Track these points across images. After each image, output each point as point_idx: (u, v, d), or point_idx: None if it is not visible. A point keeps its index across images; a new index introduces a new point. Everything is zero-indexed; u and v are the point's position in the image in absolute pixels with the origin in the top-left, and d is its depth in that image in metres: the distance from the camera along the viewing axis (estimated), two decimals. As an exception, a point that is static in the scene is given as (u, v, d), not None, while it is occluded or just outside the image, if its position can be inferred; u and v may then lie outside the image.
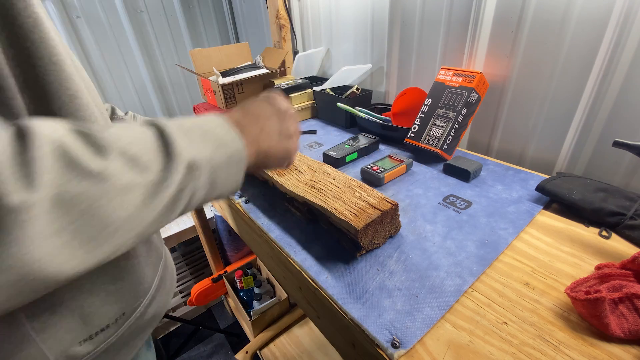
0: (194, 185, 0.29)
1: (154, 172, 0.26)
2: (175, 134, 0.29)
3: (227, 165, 0.32)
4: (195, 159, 0.29)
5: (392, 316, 0.40)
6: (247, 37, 1.92)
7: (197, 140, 0.30)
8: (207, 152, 0.30)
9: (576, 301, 0.38)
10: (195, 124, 0.32)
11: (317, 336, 1.25)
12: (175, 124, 0.30)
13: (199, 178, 0.29)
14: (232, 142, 0.33)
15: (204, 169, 0.30)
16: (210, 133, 0.32)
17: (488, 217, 0.57)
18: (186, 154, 0.28)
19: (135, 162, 0.25)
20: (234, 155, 0.33)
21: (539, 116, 0.73)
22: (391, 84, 1.06)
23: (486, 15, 0.74)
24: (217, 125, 0.33)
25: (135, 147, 0.26)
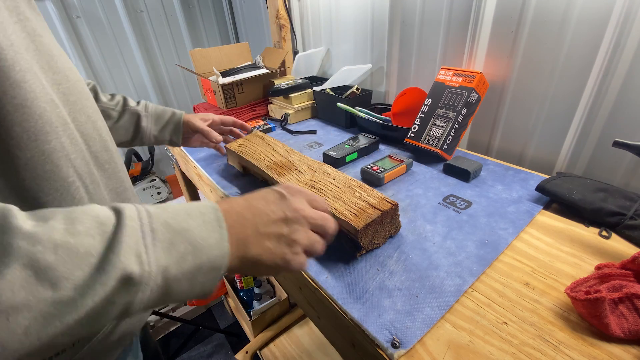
0: (129, 299, 0.24)
1: (65, 288, 0.21)
2: (129, 236, 0.24)
3: (192, 275, 0.27)
4: (137, 272, 0.24)
5: (392, 316, 0.40)
6: (247, 37, 1.92)
7: (160, 244, 0.26)
8: (164, 261, 0.25)
9: (576, 301, 0.38)
10: (175, 218, 0.27)
11: (317, 336, 1.25)
12: (149, 215, 0.26)
13: (141, 292, 0.24)
14: (209, 249, 0.28)
15: (152, 282, 0.25)
16: (184, 234, 0.27)
17: (488, 217, 0.57)
18: (126, 265, 0.23)
19: (42, 275, 0.21)
20: (206, 264, 0.27)
21: (539, 116, 0.73)
22: (391, 84, 1.06)
23: (486, 15, 0.74)
24: (202, 222, 0.28)
25: (54, 254, 0.21)
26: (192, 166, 0.88)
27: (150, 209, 0.27)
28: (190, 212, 0.28)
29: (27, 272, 0.20)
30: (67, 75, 0.37)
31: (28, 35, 0.33)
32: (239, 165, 0.76)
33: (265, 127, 1.02)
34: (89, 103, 0.41)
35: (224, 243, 0.29)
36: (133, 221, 0.25)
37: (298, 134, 0.99)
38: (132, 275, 0.24)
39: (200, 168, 0.83)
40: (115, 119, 0.65)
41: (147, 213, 0.27)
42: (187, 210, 0.28)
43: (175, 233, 0.27)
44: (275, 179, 0.61)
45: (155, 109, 0.70)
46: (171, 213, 0.28)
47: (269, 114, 1.18)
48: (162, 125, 0.70)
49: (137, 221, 0.25)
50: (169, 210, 0.28)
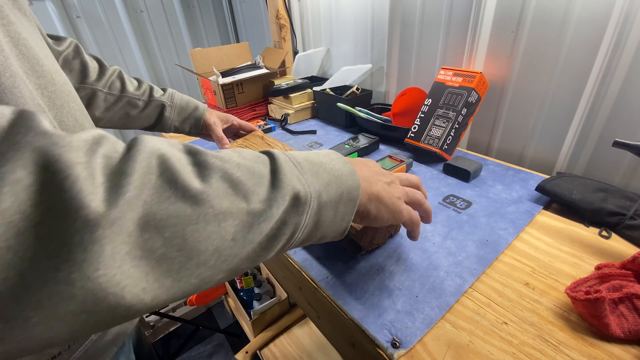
0: (297, 220, 0.26)
1: (256, 201, 0.24)
2: (285, 162, 0.27)
3: (336, 204, 0.29)
4: (303, 192, 0.27)
5: (392, 316, 0.40)
6: (247, 37, 1.92)
7: (307, 172, 0.28)
8: (317, 185, 0.28)
9: (576, 301, 0.38)
10: (311, 155, 0.31)
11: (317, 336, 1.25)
12: (289, 153, 0.29)
13: (304, 214, 0.27)
14: (346, 178, 0.31)
15: (310, 204, 0.27)
16: (324, 166, 0.30)
17: (488, 217, 0.57)
18: (293, 185, 0.26)
19: (237, 187, 0.23)
20: (346, 193, 0.30)
21: (539, 116, 0.73)
22: (391, 84, 1.06)
23: (486, 15, 0.74)
24: (333, 159, 0.31)
25: (240, 171, 0.24)
26: (192, 166, 0.88)
27: (286, 152, 0.29)
28: (319, 154, 0.32)
29: (225, 184, 0.23)
30: (53, 79, 0.37)
31: (11, 40, 0.32)
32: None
33: (265, 127, 1.02)
34: (76, 106, 0.40)
35: (355, 175, 0.32)
36: (282, 155, 0.28)
37: (298, 134, 0.99)
38: (299, 194, 0.26)
39: (200, 168, 0.83)
40: (140, 108, 0.67)
41: (287, 153, 0.29)
42: (316, 153, 0.32)
43: (316, 165, 0.30)
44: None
45: (180, 100, 0.72)
46: (304, 154, 0.31)
47: (269, 114, 1.18)
48: (184, 118, 0.72)
49: (284, 156, 0.28)
50: (299, 153, 0.31)
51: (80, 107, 0.41)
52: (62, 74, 0.40)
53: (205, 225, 0.21)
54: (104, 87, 0.64)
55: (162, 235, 0.19)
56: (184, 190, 0.20)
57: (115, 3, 1.59)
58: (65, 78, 0.40)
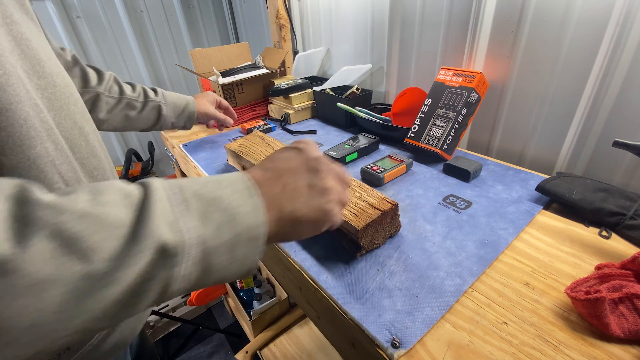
0: (167, 274, 0.22)
1: (98, 261, 0.20)
2: (158, 203, 0.23)
3: (231, 247, 0.25)
4: (173, 242, 0.22)
5: (392, 316, 0.40)
6: (247, 37, 1.92)
7: (193, 213, 0.24)
8: (201, 231, 0.24)
9: (576, 301, 0.38)
10: (209, 185, 0.26)
11: (317, 336, 1.25)
12: (180, 185, 0.25)
13: (177, 266, 0.23)
14: (245, 217, 0.26)
15: (189, 254, 0.23)
16: (219, 203, 0.25)
17: (488, 217, 0.57)
18: (159, 235, 0.22)
19: (72, 245, 0.19)
20: (244, 233, 0.26)
21: (539, 116, 0.73)
22: (391, 84, 1.06)
23: (486, 15, 0.74)
24: (234, 191, 0.27)
25: (83, 223, 0.20)
26: (192, 166, 0.88)
27: (178, 181, 0.26)
28: (220, 181, 0.27)
29: (53, 244, 0.19)
30: (53, 81, 0.37)
31: (14, 39, 0.32)
32: (239, 165, 0.76)
33: (265, 127, 1.02)
34: (76, 109, 0.40)
35: (259, 210, 0.27)
36: (162, 192, 0.24)
37: (298, 134, 0.99)
38: (167, 244, 0.22)
39: (201, 168, 0.83)
40: (139, 109, 0.73)
41: (176, 184, 0.25)
42: (216, 181, 0.27)
43: (208, 202, 0.25)
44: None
45: (171, 97, 0.78)
46: (200, 183, 0.26)
47: (269, 114, 1.18)
48: (177, 114, 0.80)
49: (165, 191, 0.24)
50: (197, 181, 0.26)
51: (81, 110, 0.41)
52: (65, 76, 0.40)
53: (11, 300, 0.17)
54: (104, 91, 0.67)
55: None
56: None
57: (115, 3, 1.60)
58: (67, 81, 0.40)
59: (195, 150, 0.93)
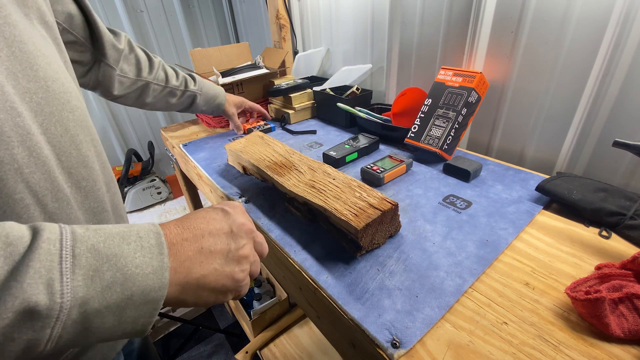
0: (33, 336, 0.21)
1: None
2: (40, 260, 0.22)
3: (121, 309, 0.24)
4: (44, 304, 0.21)
5: (392, 316, 0.40)
6: (247, 37, 1.92)
7: (82, 270, 0.23)
8: (83, 292, 0.22)
9: (576, 301, 0.38)
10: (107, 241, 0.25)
11: (317, 336, 1.25)
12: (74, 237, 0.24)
13: (45, 329, 0.21)
14: (144, 278, 0.25)
15: (64, 315, 0.22)
16: (114, 260, 0.24)
17: (488, 217, 0.57)
18: (27, 296, 0.21)
19: None
20: (137, 296, 0.24)
21: (539, 116, 0.73)
22: (391, 84, 1.06)
23: (486, 15, 0.74)
24: (138, 247, 0.25)
25: None
26: (192, 166, 0.88)
27: (78, 231, 0.24)
28: (127, 235, 0.25)
29: None
30: (47, 86, 0.35)
31: (5, 40, 0.31)
32: (239, 165, 0.76)
33: (265, 127, 1.02)
34: (71, 116, 0.38)
35: (163, 272, 0.26)
36: (50, 244, 0.22)
37: (298, 134, 0.99)
38: (37, 307, 0.21)
39: (200, 168, 0.83)
40: (178, 96, 0.81)
41: (72, 235, 0.24)
42: (123, 234, 0.25)
43: (103, 259, 0.24)
44: (275, 179, 0.61)
45: (206, 87, 0.86)
46: (103, 236, 0.25)
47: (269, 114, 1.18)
48: (208, 105, 0.88)
49: (56, 244, 0.23)
50: (101, 233, 0.25)
51: (77, 118, 0.39)
52: (65, 83, 0.38)
53: None
54: (153, 80, 0.74)
55: None
56: None
57: (115, 3, 1.60)
58: (67, 87, 0.38)
59: (195, 150, 0.93)
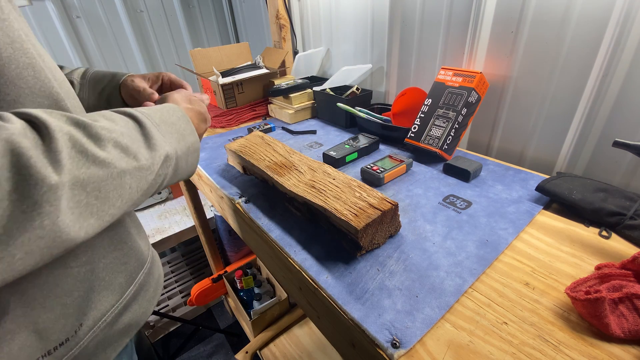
0: (165, 172, 0.36)
1: (142, 160, 0.32)
2: (151, 128, 0.35)
3: (187, 155, 0.40)
4: (170, 153, 0.36)
5: (392, 316, 0.40)
6: (247, 37, 1.92)
7: (167, 134, 0.37)
8: (175, 144, 0.37)
9: (576, 301, 0.38)
10: (163, 116, 0.38)
11: (317, 336, 1.25)
12: (147, 115, 0.36)
13: (169, 167, 0.37)
14: (189, 135, 0.41)
15: (173, 160, 0.37)
16: (175, 127, 0.39)
17: (488, 217, 0.57)
18: (163, 148, 0.35)
19: (127, 151, 0.31)
20: (191, 147, 0.41)
21: (539, 116, 0.73)
22: (391, 84, 1.06)
23: (486, 15, 0.74)
24: (178, 118, 0.40)
25: (125, 139, 0.31)
26: (192, 166, 0.88)
27: (144, 111, 0.36)
28: (168, 110, 0.40)
29: (118, 149, 0.30)
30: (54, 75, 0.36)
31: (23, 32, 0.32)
32: (239, 165, 0.76)
33: (265, 127, 1.02)
34: (76, 102, 0.39)
35: (194, 132, 0.42)
36: (145, 119, 0.35)
37: (298, 134, 0.99)
38: (168, 154, 0.36)
39: (200, 168, 0.83)
40: None
41: (147, 114, 0.36)
42: (166, 109, 0.40)
43: (169, 126, 0.38)
44: (275, 179, 0.61)
45: (96, 75, 0.58)
46: (158, 112, 0.38)
47: (269, 114, 1.18)
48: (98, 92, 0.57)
49: (147, 119, 0.35)
50: (156, 110, 0.38)
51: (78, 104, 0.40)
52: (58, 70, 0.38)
53: (112, 181, 0.29)
54: None
55: (85, 191, 0.27)
56: (93, 158, 0.28)
57: (115, 3, 1.59)
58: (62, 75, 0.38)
59: (195, 150, 0.93)
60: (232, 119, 1.10)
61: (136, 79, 0.57)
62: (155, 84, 0.62)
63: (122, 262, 0.42)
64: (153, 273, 0.49)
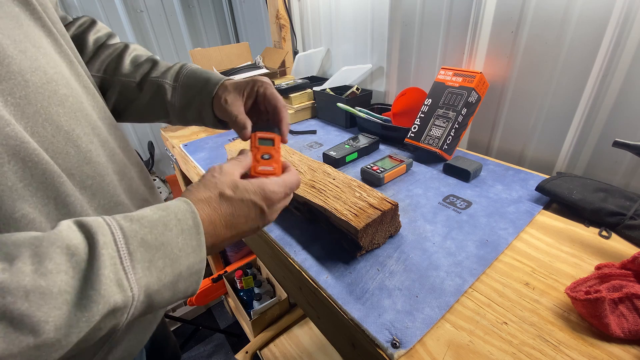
0: (114, 323, 0.24)
1: (47, 332, 0.21)
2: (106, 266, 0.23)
3: (174, 284, 0.27)
4: (122, 301, 0.24)
5: (392, 316, 0.40)
6: (247, 37, 1.92)
7: (140, 264, 0.25)
8: (145, 280, 0.25)
9: (576, 301, 0.38)
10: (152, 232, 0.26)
11: (317, 336, 1.25)
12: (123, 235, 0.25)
13: (123, 316, 0.25)
14: (186, 257, 0.28)
15: (135, 302, 0.25)
16: (162, 250, 0.26)
17: (488, 217, 0.57)
18: (108, 297, 0.23)
19: (19, 324, 0.20)
20: (185, 271, 0.28)
21: (539, 116, 0.73)
22: (391, 84, 1.06)
23: (486, 15, 0.74)
24: (180, 232, 0.28)
25: (27, 302, 0.20)
26: (192, 166, 0.88)
27: (124, 225, 0.26)
28: (168, 221, 0.28)
29: (2, 324, 0.20)
30: (25, 80, 0.29)
31: None
32: (239, 165, 0.76)
33: (265, 127, 1.02)
34: (62, 109, 0.32)
35: (201, 249, 0.29)
36: (108, 248, 0.24)
37: (298, 134, 0.99)
38: (116, 305, 0.23)
39: (200, 168, 0.83)
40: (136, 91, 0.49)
41: (121, 232, 0.25)
42: (164, 220, 0.27)
43: (153, 250, 0.26)
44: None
45: (188, 76, 0.48)
46: (147, 226, 0.27)
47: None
48: (188, 101, 0.48)
49: (112, 246, 0.24)
50: (145, 223, 0.27)
51: (70, 109, 0.34)
52: (49, 69, 0.32)
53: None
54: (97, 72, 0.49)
55: None
56: None
57: (115, 3, 1.59)
58: (50, 76, 0.32)
59: (195, 150, 0.93)
60: (232, 119, 1.10)
61: (229, 96, 0.45)
62: (250, 99, 0.47)
63: None
64: None
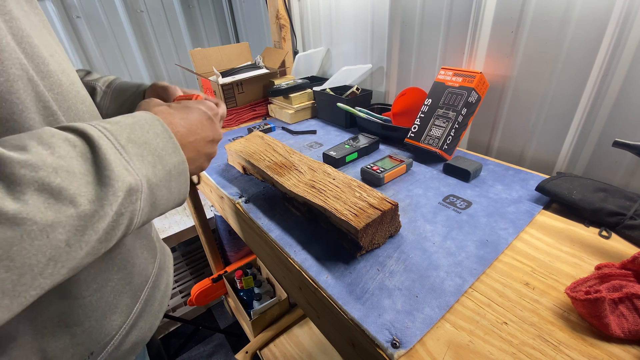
0: (132, 209, 0.27)
1: (84, 204, 0.23)
2: (110, 153, 0.26)
3: (167, 182, 0.31)
4: (134, 183, 0.27)
5: (392, 316, 0.40)
6: (247, 37, 1.92)
7: (135, 157, 0.28)
8: (144, 170, 0.28)
9: (576, 301, 0.38)
10: (133, 134, 0.29)
11: (317, 336, 1.25)
12: (109, 134, 0.27)
13: (138, 201, 0.27)
14: (172, 155, 0.31)
15: (142, 191, 0.28)
16: (149, 147, 0.29)
17: (488, 217, 0.57)
18: (124, 178, 0.26)
19: (58, 195, 0.22)
20: (173, 170, 0.31)
21: (539, 116, 0.73)
22: (391, 84, 1.06)
23: (486, 15, 0.74)
24: (155, 134, 0.31)
25: (59, 176, 0.23)
26: (192, 166, 0.88)
27: (107, 127, 0.28)
28: (142, 125, 0.30)
29: (44, 196, 0.22)
30: (59, 80, 0.33)
31: (14, 37, 0.29)
32: (239, 165, 0.76)
33: (265, 127, 1.02)
34: (85, 107, 0.37)
35: (179, 150, 0.32)
36: (103, 141, 0.26)
37: (298, 134, 0.99)
38: (131, 185, 0.26)
39: (200, 168, 0.83)
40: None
41: (109, 132, 0.27)
42: (139, 124, 0.30)
43: (140, 146, 0.29)
44: (275, 179, 0.61)
45: (122, 85, 0.55)
46: (128, 128, 0.29)
47: (269, 114, 1.18)
48: (120, 103, 0.54)
49: (106, 140, 0.27)
50: (124, 126, 0.29)
51: (89, 109, 0.38)
52: (70, 73, 0.36)
53: (31, 242, 0.21)
54: None
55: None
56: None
57: (115, 3, 1.59)
58: (72, 78, 0.37)
59: (195, 150, 0.93)
60: (232, 119, 1.10)
61: (163, 82, 0.53)
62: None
63: (126, 281, 0.40)
64: (159, 285, 0.47)
